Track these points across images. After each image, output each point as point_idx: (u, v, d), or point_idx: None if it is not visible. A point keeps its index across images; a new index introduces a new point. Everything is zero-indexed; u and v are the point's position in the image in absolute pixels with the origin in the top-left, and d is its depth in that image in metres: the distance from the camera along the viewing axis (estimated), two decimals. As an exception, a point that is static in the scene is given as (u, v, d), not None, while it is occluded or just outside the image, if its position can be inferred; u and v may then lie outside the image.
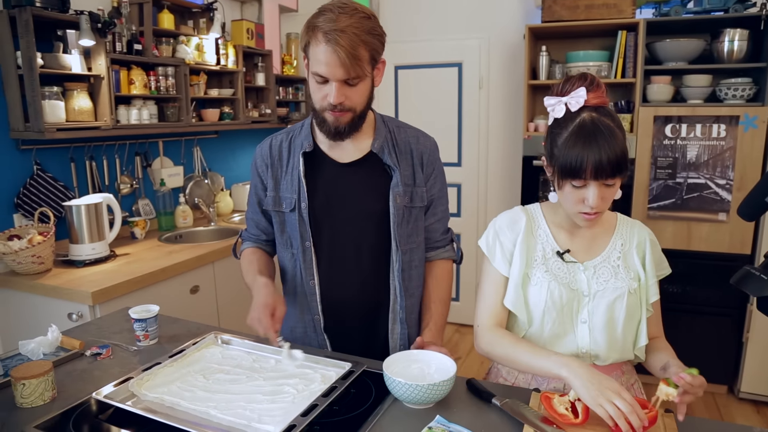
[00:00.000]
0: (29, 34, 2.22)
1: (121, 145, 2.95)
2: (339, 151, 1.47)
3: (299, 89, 4.17)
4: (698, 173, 3.05)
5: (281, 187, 1.50)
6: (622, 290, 1.27)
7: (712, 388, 3.25)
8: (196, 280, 2.62)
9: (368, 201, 1.46)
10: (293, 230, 1.48)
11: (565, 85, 1.25)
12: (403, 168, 1.47)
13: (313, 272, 1.48)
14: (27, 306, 2.27)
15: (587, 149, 1.14)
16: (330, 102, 1.31)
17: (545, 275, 1.30)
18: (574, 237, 1.33)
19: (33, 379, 1.18)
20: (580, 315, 1.28)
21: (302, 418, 1.06)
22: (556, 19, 3.25)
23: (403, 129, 1.53)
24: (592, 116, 1.18)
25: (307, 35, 1.29)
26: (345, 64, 1.25)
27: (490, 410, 1.17)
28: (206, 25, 3.23)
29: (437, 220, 1.57)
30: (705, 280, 3.11)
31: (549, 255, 1.32)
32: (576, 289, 1.29)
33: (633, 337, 1.30)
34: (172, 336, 1.57)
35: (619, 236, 1.33)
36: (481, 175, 4.09)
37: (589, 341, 1.28)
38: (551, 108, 1.25)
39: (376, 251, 1.48)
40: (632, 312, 1.28)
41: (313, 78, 1.31)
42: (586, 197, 1.19)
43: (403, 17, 4.03)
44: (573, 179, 1.18)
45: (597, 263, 1.30)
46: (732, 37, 2.99)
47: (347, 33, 1.24)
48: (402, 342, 1.51)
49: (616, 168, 1.15)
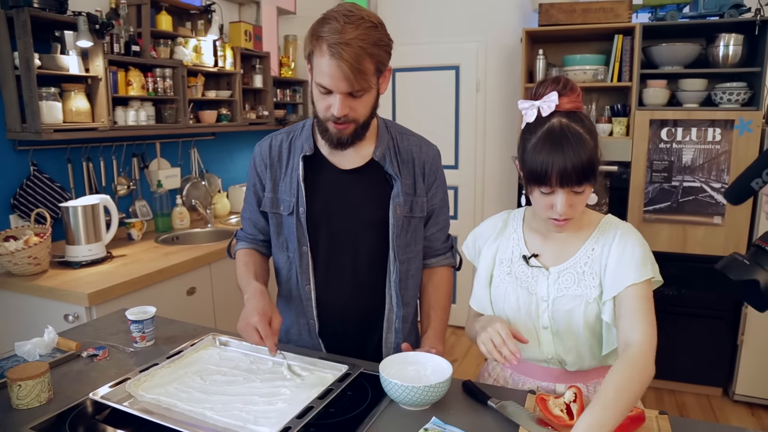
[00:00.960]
0: (27, 34, 2.22)
1: (118, 147, 2.95)
2: (340, 157, 1.46)
3: (297, 91, 4.18)
4: (694, 177, 3.06)
5: (279, 189, 1.48)
6: (580, 299, 1.23)
7: (707, 390, 3.26)
8: (193, 282, 2.62)
9: (368, 209, 1.45)
10: (290, 234, 1.47)
11: (539, 88, 1.22)
12: (405, 177, 1.46)
13: (309, 277, 1.47)
14: (23, 307, 2.27)
15: (552, 156, 1.12)
16: (333, 114, 1.29)
17: (507, 277, 1.31)
18: (547, 241, 1.31)
19: (29, 380, 1.18)
20: (541, 320, 1.27)
21: (298, 420, 1.06)
22: (553, 22, 3.26)
23: (406, 137, 1.51)
24: (562, 122, 1.15)
25: (311, 44, 1.26)
26: (349, 78, 1.23)
27: (486, 412, 1.18)
28: (204, 26, 3.23)
29: (439, 229, 1.57)
30: (700, 283, 3.12)
31: (516, 258, 1.32)
32: (534, 293, 1.28)
33: (597, 344, 1.27)
34: (168, 337, 1.57)
35: (594, 241, 1.27)
36: (477, 178, 4.11)
37: (553, 347, 1.28)
38: (524, 111, 1.22)
39: (373, 259, 1.47)
40: (592, 320, 1.23)
41: (317, 87, 1.29)
42: (554, 204, 1.17)
43: (400, 20, 4.04)
44: (540, 186, 1.16)
45: (562, 269, 1.27)
46: (727, 42, 3.01)
47: (352, 46, 1.21)
48: (396, 351, 1.50)
49: (582, 176, 1.12)
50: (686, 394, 3.27)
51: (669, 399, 3.22)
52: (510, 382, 1.37)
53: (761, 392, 3.08)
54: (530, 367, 1.34)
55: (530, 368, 1.34)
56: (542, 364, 1.32)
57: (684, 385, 3.29)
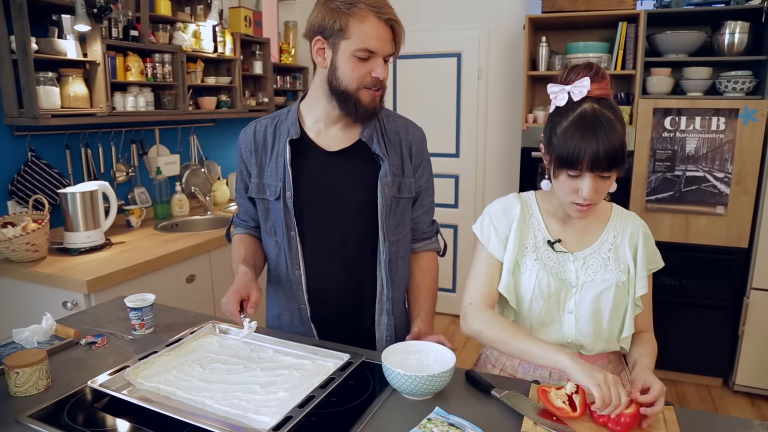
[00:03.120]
0: (23, 18, 2.18)
1: (116, 133, 2.92)
2: (327, 139, 1.45)
3: (297, 78, 4.14)
4: (697, 166, 3.04)
5: (265, 174, 1.48)
6: (610, 282, 1.27)
7: (707, 381, 3.26)
8: (192, 269, 2.60)
9: (356, 191, 1.44)
10: (278, 219, 1.46)
11: (570, 73, 1.23)
12: (392, 158, 1.45)
13: (299, 262, 1.46)
14: (21, 294, 2.25)
15: (585, 140, 1.14)
16: (377, 77, 1.33)
17: (535, 263, 1.31)
18: (567, 227, 1.33)
19: (27, 367, 1.17)
20: (567, 305, 1.29)
21: (299, 410, 1.05)
22: (556, 9, 3.23)
23: (392, 118, 1.51)
24: (594, 107, 1.17)
25: (345, 15, 1.28)
26: (398, 38, 1.33)
27: (490, 402, 1.17)
28: (204, 11, 3.20)
29: (425, 211, 1.57)
30: (702, 273, 3.11)
31: (540, 244, 1.32)
32: (564, 279, 1.29)
33: (618, 328, 1.31)
34: (167, 325, 1.56)
35: (612, 228, 1.33)
36: (479, 166, 4.08)
37: (575, 331, 1.29)
38: (554, 96, 1.24)
39: (362, 242, 1.46)
40: (618, 304, 1.28)
41: (352, 57, 1.31)
42: (581, 188, 1.18)
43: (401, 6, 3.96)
44: (569, 169, 1.17)
45: (587, 254, 1.30)
46: (733, 30, 2.97)
47: (391, 8, 1.32)
48: (388, 333, 1.50)
49: (613, 161, 1.14)
50: (686, 384, 3.27)
51: (669, 389, 3.22)
52: (520, 370, 1.36)
53: (761, 383, 3.08)
54: None
55: None
56: None
57: (684, 375, 3.29)
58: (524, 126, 3.41)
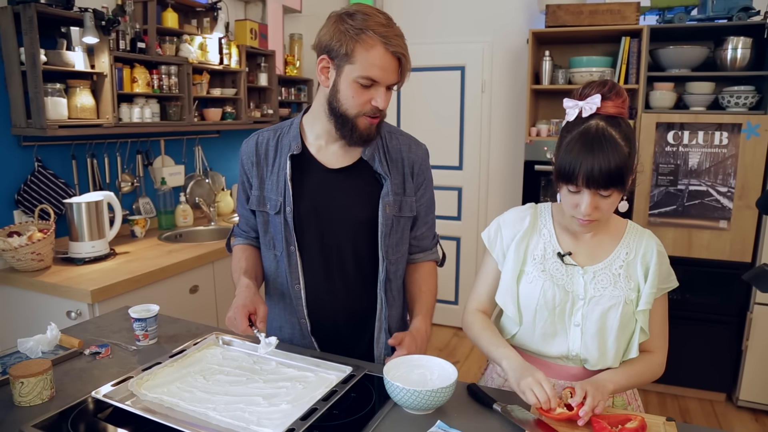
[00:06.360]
0: (33, 30, 2.21)
1: (122, 143, 2.94)
2: (328, 156, 1.45)
3: (302, 90, 4.17)
4: (700, 180, 3.04)
5: (266, 187, 1.47)
6: (619, 299, 1.26)
7: (711, 396, 3.24)
8: (196, 280, 2.61)
9: (356, 209, 1.44)
10: (277, 233, 1.46)
11: (585, 89, 1.25)
12: (394, 176, 1.45)
13: (298, 277, 1.46)
14: (26, 303, 2.26)
15: (582, 156, 1.14)
16: (377, 106, 1.32)
17: (541, 274, 1.31)
18: (579, 241, 1.33)
19: (31, 377, 1.17)
20: (574, 317, 1.29)
21: (301, 422, 1.05)
22: (560, 24, 3.25)
23: (395, 135, 1.50)
24: (599, 125, 1.17)
25: (353, 40, 1.26)
26: (404, 70, 1.31)
27: (491, 416, 1.17)
28: (210, 24, 3.23)
29: (428, 228, 1.57)
30: (705, 288, 3.10)
31: (549, 255, 1.32)
32: (571, 291, 1.29)
33: (624, 348, 1.29)
34: (171, 336, 1.57)
35: (625, 245, 1.32)
36: (482, 179, 4.09)
37: (580, 345, 1.29)
38: (568, 110, 1.25)
39: (361, 259, 1.46)
40: (626, 323, 1.26)
41: (354, 83, 1.29)
42: (579, 204, 1.19)
43: (406, 19, 4.02)
44: (567, 184, 1.19)
45: (597, 269, 1.30)
46: (735, 45, 2.99)
47: (402, 39, 1.29)
48: (387, 351, 1.50)
49: (609, 180, 1.14)
50: (689, 399, 3.25)
51: (672, 404, 3.20)
52: None
53: (765, 398, 3.06)
54: (548, 364, 1.33)
55: (548, 366, 1.33)
56: (561, 362, 1.32)
57: (687, 390, 3.28)
58: (527, 139, 3.43)
